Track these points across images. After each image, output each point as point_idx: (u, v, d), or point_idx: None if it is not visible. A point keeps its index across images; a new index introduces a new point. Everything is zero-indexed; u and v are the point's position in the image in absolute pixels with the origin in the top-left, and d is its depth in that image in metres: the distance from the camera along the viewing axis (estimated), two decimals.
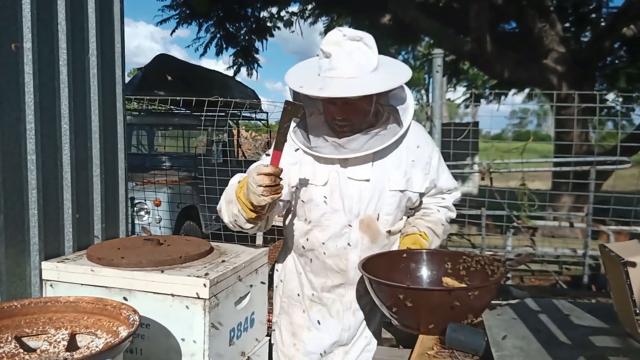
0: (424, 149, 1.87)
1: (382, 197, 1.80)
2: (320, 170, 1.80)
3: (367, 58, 1.67)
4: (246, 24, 10.49)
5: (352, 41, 1.66)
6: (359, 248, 1.82)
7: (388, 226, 1.85)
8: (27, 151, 1.64)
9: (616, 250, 1.31)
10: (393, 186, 1.80)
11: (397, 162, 1.81)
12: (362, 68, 1.66)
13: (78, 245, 1.84)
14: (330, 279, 1.87)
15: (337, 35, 1.67)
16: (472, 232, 5.34)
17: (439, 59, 3.44)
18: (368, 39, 1.69)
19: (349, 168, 1.78)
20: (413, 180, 1.84)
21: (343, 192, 1.78)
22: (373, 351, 1.90)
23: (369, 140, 1.75)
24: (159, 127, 7.61)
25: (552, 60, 7.25)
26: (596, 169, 4.26)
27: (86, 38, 1.88)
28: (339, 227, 1.80)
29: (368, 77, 1.66)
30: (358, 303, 1.89)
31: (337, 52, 1.65)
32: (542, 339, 1.32)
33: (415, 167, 1.84)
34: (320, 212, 1.81)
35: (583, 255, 4.44)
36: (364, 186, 1.78)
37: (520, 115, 35.98)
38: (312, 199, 1.81)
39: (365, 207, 1.80)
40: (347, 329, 1.90)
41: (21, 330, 1.33)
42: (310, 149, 1.78)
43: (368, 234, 1.82)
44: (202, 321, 1.51)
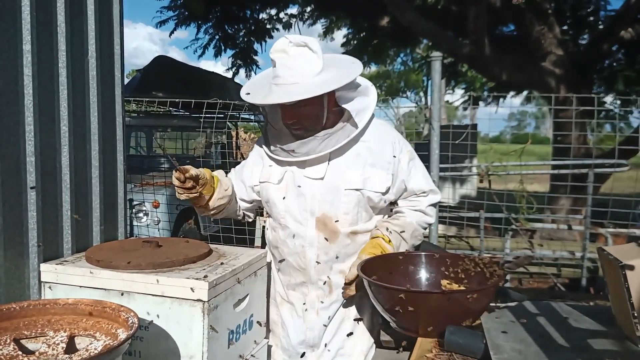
0: (386, 148, 1.88)
1: (338, 196, 1.83)
2: (276, 169, 1.89)
3: (310, 63, 1.74)
4: (245, 26, 10.50)
5: (297, 47, 1.74)
6: (315, 246, 1.85)
7: (347, 225, 1.85)
8: (26, 153, 1.64)
9: (614, 254, 1.31)
10: (348, 185, 1.82)
11: (355, 161, 1.84)
12: (304, 73, 1.73)
13: (77, 247, 1.84)
14: (293, 277, 1.92)
15: (283, 43, 1.75)
16: (471, 234, 5.35)
17: (437, 61, 3.45)
18: (313, 44, 1.75)
19: (306, 168, 1.85)
20: (372, 179, 1.84)
21: (298, 190, 1.85)
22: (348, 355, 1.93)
23: (322, 143, 1.80)
24: (158, 129, 7.60)
25: (550, 63, 7.26)
26: (594, 172, 4.27)
27: (85, 40, 1.89)
28: (295, 225, 1.86)
29: (310, 81, 1.73)
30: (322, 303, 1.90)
31: (281, 60, 1.74)
32: (541, 341, 1.32)
33: (375, 167, 1.85)
34: (277, 210, 1.90)
35: (581, 258, 4.45)
36: (318, 184, 1.83)
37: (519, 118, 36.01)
38: (269, 197, 1.91)
39: (320, 205, 1.83)
40: (312, 329, 1.92)
41: (20, 332, 1.33)
42: (271, 152, 1.89)
43: (324, 232, 1.85)
44: (200, 323, 1.51)
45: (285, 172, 1.88)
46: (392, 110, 34.43)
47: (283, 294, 1.97)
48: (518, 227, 4.36)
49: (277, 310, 2.00)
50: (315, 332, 1.92)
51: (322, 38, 11.46)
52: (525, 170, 4.38)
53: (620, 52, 8.30)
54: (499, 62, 7.47)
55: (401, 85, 31.21)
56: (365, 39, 10.29)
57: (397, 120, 35.52)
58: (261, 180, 1.93)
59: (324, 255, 1.85)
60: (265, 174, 1.93)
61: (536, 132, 38.35)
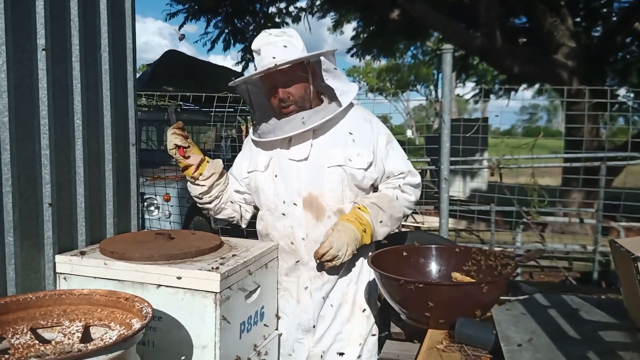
0: (367, 129, 1.98)
1: (322, 174, 1.90)
2: (262, 156, 1.99)
3: (291, 44, 1.91)
4: (254, 20, 10.49)
5: (276, 37, 1.90)
6: (304, 226, 1.91)
7: (334, 203, 1.91)
8: (41, 146, 1.67)
9: (626, 246, 1.31)
10: (331, 162, 1.90)
11: (337, 140, 1.93)
12: (288, 50, 1.88)
13: (91, 239, 1.86)
14: (285, 260, 1.96)
15: (263, 35, 1.93)
16: (481, 228, 5.33)
17: (448, 54, 3.43)
18: (291, 31, 1.96)
19: (290, 149, 1.93)
20: (354, 156, 1.91)
21: (284, 173, 1.93)
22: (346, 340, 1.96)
23: (310, 118, 1.89)
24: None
25: (563, 55, 7.18)
26: (607, 165, 4.23)
27: (98, 34, 1.90)
28: (283, 208, 1.93)
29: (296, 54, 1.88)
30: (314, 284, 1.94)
31: (264, 47, 1.90)
32: (551, 333, 1.32)
33: (357, 145, 1.93)
34: (265, 195, 1.97)
35: (593, 252, 4.42)
36: (304, 165, 1.92)
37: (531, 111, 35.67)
38: (258, 185, 1.99)
39: (306, 185, 1.90)
40: (305, 311, 1.94)
41: (36, 322, 1.36)
42: (259, 136, 1.97)
43: (312, 211, 1.91)
44: (213, 314, 1.53)
45: (271, 159, 1.97)
46: (402, 104, 34.27)
47: (278, 282, 1.99)
48: (529, 220, 4.33)
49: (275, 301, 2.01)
50: (310, 314, 1.95)
51: (332, 32, 11.44)
52: (537, 164, 4.34)
53: (634, 44, 8.19)
54: (511, 54, 7.40)
55: (411, 79, 31.04)
56: (375, 32, 10.24)
57: (407, 114, 35.26)
58: (249, 170, 2.02)
59: (312, 234, 1.91)
60: (252, 164, 2.02)
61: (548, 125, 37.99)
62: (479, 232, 5.19)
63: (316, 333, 1.96)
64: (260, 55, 1.90)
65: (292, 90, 1.89)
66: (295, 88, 1.90)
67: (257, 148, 2.04)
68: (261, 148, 2.02)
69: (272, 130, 1.93)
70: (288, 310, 1.98)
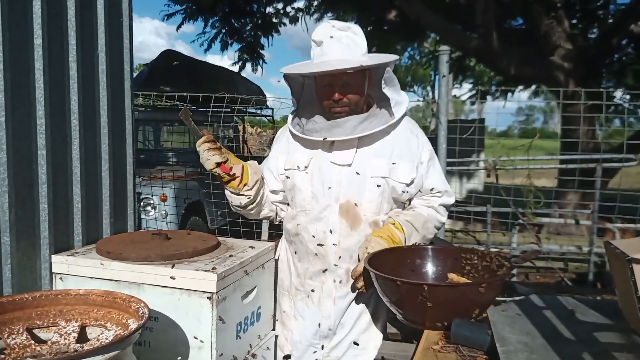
0: (413, 143, 1.92)
1: (364, 184, 1.85)
2: (303, 155, 1.90)
3: (355, 43, 1.81)
4: (252, 20, 10.50)
5: (340, 30, 1.80)
6: (337, 233, 1.86)
7: (371, 214, 1.87)
8: (38, 146, 1.67)
9: (621, 247, 1.31)
10: (375, 173, 1.85)
11: (382, 151, 1.87)
12: (352, 51, 1.79)
13: (87, 239, 1.86)
14: (312, 264, 1.91)
15: (327, 27, 1.82)
16: (478, 229, 5.34)
17: (445, 55, 3.44)
18: (355, 28, 1.84)
19: (333, 153, 1.87)
20: (398, 169, 1.86)
21: (324, 176, 1.86)
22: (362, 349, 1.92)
23: (361, 124, 1.83)
24: (165, 123, 7.63)
25: (559, 57, 7.21)
26: (602, 167, 4.25)
27: (95, 34, 1.90)
28: (318, 211, 1.87)
29: (359, 57, 1.79)
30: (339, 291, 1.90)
31: (327, 40, 1.79)
32: (547, 334, 1.33)
33: (402, 159, 1.88)
34: (302, 196, 1.89)
35: (588, 253, 4.44)
36: (346, 171, 1.85)
37: (527, 112, 35.78)
38: (295, 184, 1.91)
39: (346, 191, 1.85)
40: (327, 317, 1.91)
41: (32, 322, 1.36)
42: (303, 133, 1.88)
43: (347, 219, 1.85)
44: (209, 315, 1.53)
45: (312, 159, 1.89)
46: None
47: (298, 284, 1.96)
48: (525, 221, 4.34)
49: (290, 302, 1.99)
50: (331, 321, 1.91)
51: None
52: (533, 165, 4.36)
53: (630, 46, 8.22)
54: (507, 55, 7.42)
55: (408, 80, 31.07)
56: (372, 33, 10.26)
57: None
58: (286, 167, 1.94)
59: (344, 242, 1.86)
60: (290, 161, 1.93)
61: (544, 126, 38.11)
62: (475, 233, 5.20)
63: (333, 340, 1.93)
64: (321, 49, 1.80)
65: (348, 94, 1.81)
66: (352, 92, 1.82)
67: (296, 143, 1.95)
68: (300, 144, 1.94)
69: (319, 130, 1.86)
70: (306, 314, 1.94)
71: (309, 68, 1.82)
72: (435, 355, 1.39)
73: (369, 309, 1.94)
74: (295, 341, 1.97)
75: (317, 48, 1.82)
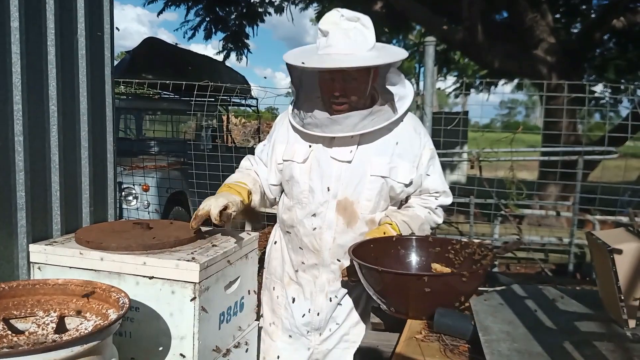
0: (415, 141, 1.88)
1: (363, 181, 1.82)
2: (301, 148, 1.86)
3: (364, 36, 1.74)
4: (236, 9, 10.37)
5: (349, 21, 1.72)
6: (333, 229, 1.84)
7: (368, 212, 1.85)
8: (15, 132, 1.62)
9: (603, 238, 1.33)
10: (374, 171, 1.81)
11: (383, 149, 1.83)
12: (359, 45, 1.72)
13: (66, 229, 1.83)
14: (306, 257, 1.90)
15: (335, 15, 1.74)
16: (460, 220, 5.39)
17: (431, 46, 3.44)
18: (365, 19, 1.76)
19: (333, 148, 1.83)
20: (398, 169, 1.83)
21: (323, 171, 1.83)
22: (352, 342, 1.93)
23: (362, 121, 1.78)
24: (148, 112, 7.53)
25: (542, 50, 7.27)
26: (584, 159, 4.30)
27: (75, 18, 1.85)
28: (315, 206, 1.84)
29: (365, 53, 1.72)
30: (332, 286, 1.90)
31: (334, 31, 1.72)
32: (529, 323, 1.34)
33: (402, 158, 1.84)
34: (300, 189, 1.86)
35: (569, 244, 4.51)
36: (345, 167, 1.82)
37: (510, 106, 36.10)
38: (292, 176, 1.87)
39: (344, 188, 1.82)
40: (320, 311, 1.91)
41: (9, 312, 1.33)
42: (303, 126, 1.83)
43: (344, 216, 1.84)
44: (191, 305, 1.51)
45: (311, 152, 1.85)
46: None
47: (293, 275, 1.95)
48: (507, 213, 4.39)
49: (282, 291, 1.98)
50: (323, 316, 1.91)
51: (315, 23, 11.37)
52: (515, 157, 4.40)
53: (611, 41, 8.33)
54: (492, 49, 7.46)
55: None
56: None
57: None
58: (285, 159, 1.89)
59: (339, 239, 1.84)
60: (289, 152, 1.89)
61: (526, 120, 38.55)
62: (458, 224, 5.25)
63: (324, 333, 1.93)
64: (327, 39, 1.73)
65: (351, 89, 1.76)
66: (355, 87, 1.76)
67: (295, 134, 1.90)
68: (300, 135, 1.88)
69: (319, 125, 1.80)
70: (298, 305, 1.94)
71: (312, 61, 1.73)
72: (418, 345, 1.39)
73: (361, 303, 1.94)
74: (286, 328, 1.97)
75: (322, 38, 1.75)
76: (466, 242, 1.82)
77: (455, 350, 1.36)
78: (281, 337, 1.98)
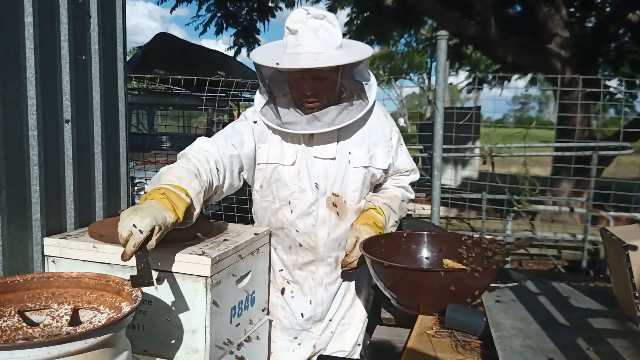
0: (386, 127, 1.96)
1: (347, 174, 1.87)
2: (289, 150, 1.86)
3: (332, 35, 1.75)
4: (247, 4, 10.37)
5: (315, 19, 1.74)
6: (327, 225, 1.89)
7: (355, 202, 1.91)
8: (29, 127, 1.64)
9: (617, 234, 1.31)
10: (357, 163, 1.87)
11: (360, 140, 1.89)
12: (328, 44, 1.74)
13: (79, 222, 1.84)
14: (301, 256, 1.93)
15: (301, 14, 1.75)
16: (472, 216, 5.35)
17: (443, 40, 3.41)
18: (331, 17, 1.78)
19: (314, 147, 1.86)
20: (376, 157, 1.91)
21: (310, 171, 1.86)
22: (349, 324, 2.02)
23: (339, 115, 1.81)
24: (159, 107, 7.56)
25: (556, 45, 7.18)
26: (598, 155, 4.25)
27: (87, 13, 1.86)
28: (306, 206, 1.87)
29: (334, 51, 1.74)
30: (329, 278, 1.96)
31: (302, 29, 1.73)
32: (541, 320, 1.33)
33: (378, 145, 1.91)
34: (289, 191, 1.88)
35: (582, 240, 4.46)
36: (330, 164, 1.86)
37: (522, 101, 35.74)
38: (280, 178, 1.87)
39: (332, 184, 1.87)
40: (320, 304, 1.97)
41: (24, 304, 1.34)
42: (281, 125, 1.82)
43: (335, 210, 1.89)
44: (203, 298, 1.51)
45: (297, 153, 1.86)
46: (394, 92, 34.22)
47: (287, 274, 1.98)
48: (520, 209, 4.35)
49: (277, 292, 2.01)
50: (324, 307, 1.98)
51: None
52: (529, 153, 4.36)
53: (627, 35, 8.21)
54: (505, 43, 7.38)
55: (404, 67, 30.93)
56: (369, 18, 10.16)
57: (400, 102, 35.37)
58: (271, 161, 1.87)
59: (333, 233, 1.89)
60: (274, 155, 1.86)
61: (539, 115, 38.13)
62: (469, 220, 5.22)
63: (324, 321, 2.00)
64: (296, 38, 1.73)
65: (320, 87, 1.77)
66: (324, 85, 1.77)
67: (275, 135, 1.87)
68: (281, 137, 1.87)
69: (298, 123, 1.80)
70: (296, 303, 1.97)
71: (284, 62, 1.71)
72: (429, 340, 1.39)
73: (352, 285, 2.02)
74: (286, 327, 2.00)
75: (290, 36, 1.76)
76: (478, 238, 1.82)
77: (467, 346, 1.35)
78: (280, 337, 2.01)
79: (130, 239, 1.30)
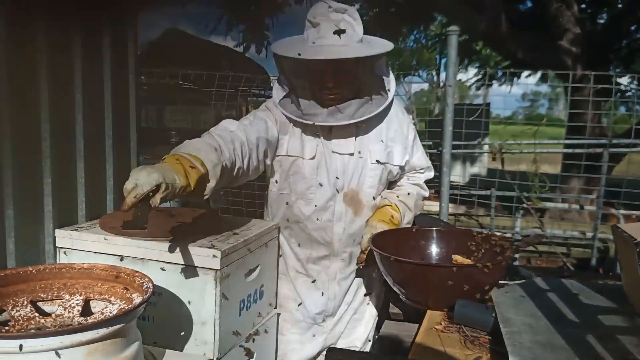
0: (404, 123, 1.96)
1: (365, 170, 1.88)
2: (309, 144, 1.86)
3: (353, 29, 1.76)
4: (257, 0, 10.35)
5: (337, 13, 1.75)
6: (343, 220, 1.89)
7: (371, 199, 1.91)
8: (41, 120, 1.65)
9: (629, 231, 1.30)
10: (374, 159, 1.87)
11: (378, 136, 1.89)
12: (350, 37, 1.74)
13: (91, 215, 1.86)
14: (316, 250, 1.93)
15: (323, 7, 1.75)
16: (481, 213, 5.33)
17: (454, 36, 3.39)
18: (352, 11, 1.78)
19: (332, 141, 1.86)
20: (394, 153, 1.91)
21: (329, 166, 1.85)
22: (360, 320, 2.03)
23: (360, 108, 1.81)
24: (169, 102, 7.58)
25: (567, 41, 7.12)
26: (609, 152, 4.21)
27: (99, 9, 1.87)
28: (324, 201, 1.87)
29: (356, 45, 1.75)
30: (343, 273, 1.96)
31: (324, 22, 1.73)
32: (551, 316, 1.33)
33: (395, 142, 1.92)
34: (306, 185, 1.87)
35: (592, 238, 4.43)
36: (348, 160, 1.86)
37: (532, 98, 35.48)
38: (298, 171, 1.87)
39: (349, 180, 1.87)
40: (333, 299, 1.98)
41: (36, 295, 1.36)
42: (302, 117, 1.81)
43: (352, 206, 1.89)
44: (213, 291, 1.53)
45: (317, 147, 1.85)
46: (403, 88, 34.10)
47: (300, 268, 1.97)
48: (529, 206, 4.33)
49: (289, 285, 2.00)
50: (337, 302, 1.98)
51: None
52: (539, 149, 4.32)
53: (639, 32, 8.12)
54: (515, 39, 7.33)
55: (413, 63, 30.78)
56: (378, 14, 10.12)
57: (409, 99, 35.26)
58: (290, 154, 1.86)
59: (349, 229, 1.90)
60: (295, 148, 1.86)
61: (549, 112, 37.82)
62: (478, 217, 5.20)
63: (336, 316, 2.01)
64: (317, 31, 1.73)
65: (342, 80, 1.76)
66: (346, 79, 1.76)
67: (295, 128, 1.86)
68: (301, 130, 1.86)
69: (318, 114, 1.79)
70: (309, 296, 1.97)
71: (306, 53, 1.71)
72: (438, 335, 1.39)
73: (365, 281, 2.02)
74: (298, 320, 2.00)
75: (312, 29, 1.76)
76: (487, 235, 1.81)
77: (476, 342, 1.35)
78: (291, 330, 2.01)
79: (132, 191, 1.25)
